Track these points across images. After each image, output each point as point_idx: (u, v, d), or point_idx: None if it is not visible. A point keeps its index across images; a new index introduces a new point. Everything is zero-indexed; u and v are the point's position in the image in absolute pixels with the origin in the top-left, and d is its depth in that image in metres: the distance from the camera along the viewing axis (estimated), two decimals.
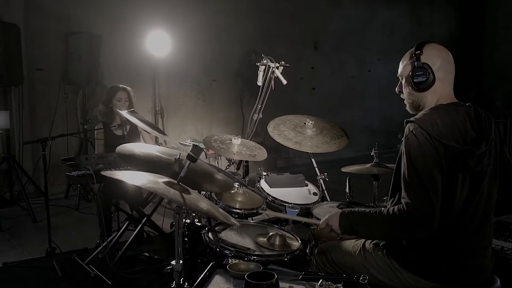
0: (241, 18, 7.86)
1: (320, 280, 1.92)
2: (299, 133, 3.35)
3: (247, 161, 3.56)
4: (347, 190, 3.26)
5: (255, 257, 2.35)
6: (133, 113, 2.46)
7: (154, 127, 2.71)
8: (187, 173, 2.28)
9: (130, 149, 2.46)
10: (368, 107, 9.99)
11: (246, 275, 1.81)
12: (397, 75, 2.28)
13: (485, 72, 11.00)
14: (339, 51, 9.37)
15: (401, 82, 2.27)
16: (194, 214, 2.62)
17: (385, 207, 2.16)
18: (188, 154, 2.01)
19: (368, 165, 3.33)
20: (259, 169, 3.45)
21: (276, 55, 3.73)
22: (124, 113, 2.42)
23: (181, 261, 2.01)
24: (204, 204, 2.00)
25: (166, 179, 2.04)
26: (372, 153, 3.34)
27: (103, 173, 1.95)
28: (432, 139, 2.00)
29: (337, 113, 9.04)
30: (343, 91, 9.58)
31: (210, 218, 2.72)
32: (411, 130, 2.05)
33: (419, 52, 2.13)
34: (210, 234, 2.56)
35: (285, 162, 8.40)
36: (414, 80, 2.14)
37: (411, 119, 2.11)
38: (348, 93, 9.66)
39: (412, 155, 2.01)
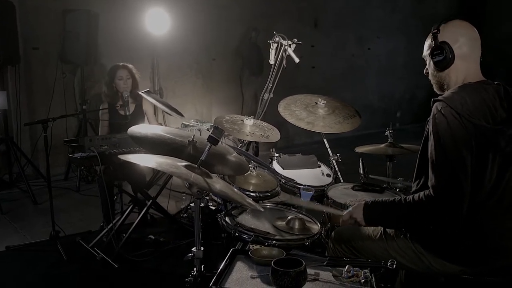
0: None
1: (347, 266, 1.87)
2: (311, 113, 3.25)
3: (256, 142, 3.46)
4: (361, 171, 3.19)
5: (275, 242, 2.28)
6: (149, 93, 2.35)
7: (171, 107, 2.61)
8: (196, 154, 2.18)
9: (143, 131, 2.36)
10: (367, 85, 9.90)
11: (272, 262, 1.74)
12: (422, 56, 2.22)
13: (485, 49, 10.88)
14: (339, 29, 9.22)
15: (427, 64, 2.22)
16: (208, 198, 2.55)
17: (405, 190, 2.10)
18: (210, 136, 1.92)
19: (383, 145, 3.25)
20: (271, 150, 3.36)
21: None
22: (141, 93, 2.31)
23: (202, 248, 1.93)
24: (227, 189, 1.92)
25: (185, 163, 1.95)
26: (386, 133, 3.27)
27: (120, 157, 1.85)
28: (461, 118, 1.92)
29: (337, 92, 8.87)
30: (343, 69, 9.46)
31: (233, 202, 2.61)
32: (439, 109, 1.97)
33: (436, 30, 2.10)
34: (227, 219, 2.48)
35: (284, 141, 8.32)
36: (433, 59, 2.11)
37: (439, 97, 2.04)
38: (348, 72, 9.54)
39: (440, 135, 1.93)
